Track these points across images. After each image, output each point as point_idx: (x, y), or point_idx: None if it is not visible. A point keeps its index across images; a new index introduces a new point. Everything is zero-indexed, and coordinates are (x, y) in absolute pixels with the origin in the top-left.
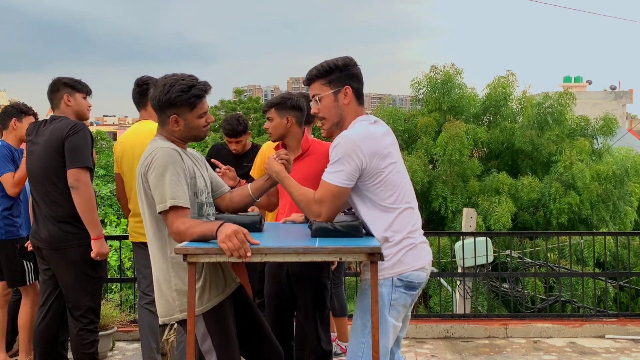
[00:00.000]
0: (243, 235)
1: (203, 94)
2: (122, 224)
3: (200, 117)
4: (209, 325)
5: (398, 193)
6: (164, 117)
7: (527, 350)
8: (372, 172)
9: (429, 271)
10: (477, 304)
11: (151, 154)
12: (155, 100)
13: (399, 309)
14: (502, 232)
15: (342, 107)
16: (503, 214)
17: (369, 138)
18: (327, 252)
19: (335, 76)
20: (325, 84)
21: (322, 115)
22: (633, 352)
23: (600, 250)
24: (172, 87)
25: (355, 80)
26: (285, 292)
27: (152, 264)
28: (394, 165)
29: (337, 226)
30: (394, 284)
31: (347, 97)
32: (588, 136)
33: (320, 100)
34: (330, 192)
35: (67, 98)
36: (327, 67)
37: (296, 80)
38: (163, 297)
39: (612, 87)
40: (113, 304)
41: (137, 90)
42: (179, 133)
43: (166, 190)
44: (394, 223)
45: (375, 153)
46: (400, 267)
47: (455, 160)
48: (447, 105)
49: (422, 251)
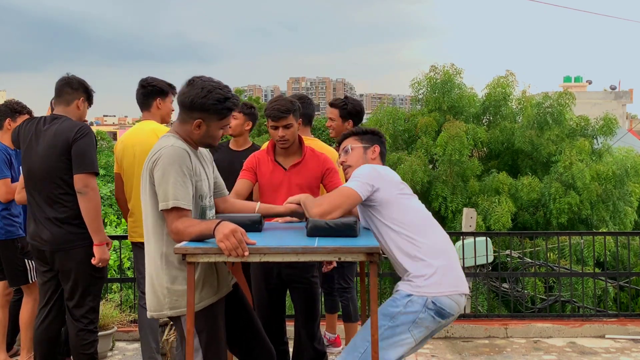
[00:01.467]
0: (240, 234)
1: (235, 108)
2: (122, 224)
3: (221, 129)
4: (198, 324)
5: (420, 216)
6: (188, 117)
7: (527, 350)
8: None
9: (462, 304)
10: (477, 304)
11: (160, 151)
12: (189, 99)
13: (422, 330)
14: (502, 232)
15: (368, 160)
16: (503, 214)
17: (384, 169)
18: (326, 251)
19: (367, 137)
20: (357, 140)
21: (350, 164)
22: (633, 352)
23: (600, 250)
24: (210, 92)
25: (383, 145)
26: (274, 295)
27: (146, 259)
28: (408, 195)
29: (332, 224)
30: (427, 305)
31: (374, 154)
32: (588, 136)
33: (351, 151)
34: (341, 191)
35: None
36: (363, 130)
37: (296, 80)
38: (154, 292)
39: (612, 87)
40: (113, 304)
41: (141, 91)
42: (197, 137)
43: (170, 189)
44: (425, 244)
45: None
46: (439, 289)
47: (455, 160)
48: (447, 105)
49: (458, 279)
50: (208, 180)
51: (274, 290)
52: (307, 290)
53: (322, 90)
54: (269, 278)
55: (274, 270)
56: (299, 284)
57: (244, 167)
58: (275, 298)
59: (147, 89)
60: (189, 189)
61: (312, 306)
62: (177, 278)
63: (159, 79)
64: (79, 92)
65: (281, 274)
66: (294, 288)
